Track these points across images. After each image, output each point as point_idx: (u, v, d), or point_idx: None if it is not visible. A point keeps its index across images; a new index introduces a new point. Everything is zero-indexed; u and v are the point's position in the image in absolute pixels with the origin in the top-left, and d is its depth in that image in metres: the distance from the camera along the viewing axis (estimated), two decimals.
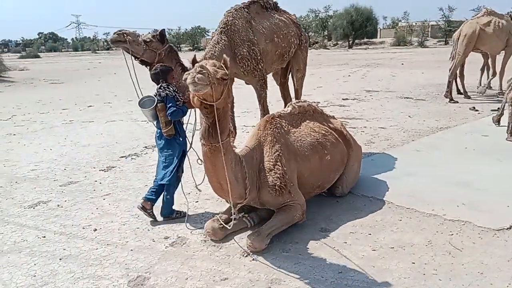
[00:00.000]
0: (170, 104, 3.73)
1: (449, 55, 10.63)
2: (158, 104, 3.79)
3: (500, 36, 10.07)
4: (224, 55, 3.00)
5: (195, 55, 3.08)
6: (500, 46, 10.30)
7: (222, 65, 2.82)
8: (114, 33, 4.26)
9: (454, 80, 10.52)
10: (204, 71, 2.60)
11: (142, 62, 4.34)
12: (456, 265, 3.00)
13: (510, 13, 10.93)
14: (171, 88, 3.81)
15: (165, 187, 3.90)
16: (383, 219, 3.76)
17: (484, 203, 4.02)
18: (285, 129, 3.77)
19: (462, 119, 7.89)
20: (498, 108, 8.74)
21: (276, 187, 3.44)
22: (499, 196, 4.18)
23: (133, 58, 4.29)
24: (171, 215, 3.95)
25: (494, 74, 10.76)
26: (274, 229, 3.41)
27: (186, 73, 2.66)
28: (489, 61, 10.93)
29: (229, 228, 3.43)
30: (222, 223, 3.50)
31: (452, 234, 3.44)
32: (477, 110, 8.69)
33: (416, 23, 55.26)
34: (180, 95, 3.84)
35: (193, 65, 2.74)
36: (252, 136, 3.69)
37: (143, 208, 3.85)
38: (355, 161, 4.43)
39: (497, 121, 7.02)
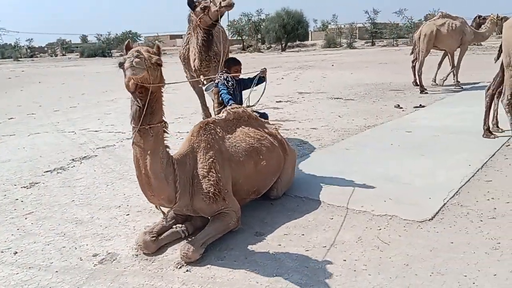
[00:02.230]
0: (221, 89, 5.08)
1: (410, 52, 12.88)
2: (214, 88, 5.17)
3: (454, 36, 11.64)
4: (157, 42, 3.32)
5: (128, 40, 3.19)
6: (455, 44, 11.84)
7: (156, 51, 2.93)
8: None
9: (418, 74, 11.80)
10: (141, 56, 2.71)
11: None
12: (384, 259, 3.12)
13: (477, 17, 12.57)
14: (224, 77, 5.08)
15: None
16: (316, 218, 3.84)
17: (409, 197, 4.24)
18: (220, 135, 3.73)
19: (388, 117, 8.30)
20: (420, 105, 9.36)
21: (210, 194, 3.39)
22: (422, 189, 4.43)
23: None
24: None
25: (452, 67, 12.15)
26: (208, 237, 3.35)
27: (123, 57, 2.80)
28: (448, 57, 12.33)
29: (161, 239, 3.36)
30: (155, 234, 3.40)
31: (380, 229, 3.58)
32: (401, 108, 9.20)
33: (344, 26, 57.69)
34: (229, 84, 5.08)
35: (127, 51, 2.85)
36: (186, 142, 3.62)
37: None
38: (290, 165, 4.48)
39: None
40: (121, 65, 2.80)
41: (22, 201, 4.65)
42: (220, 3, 5.07)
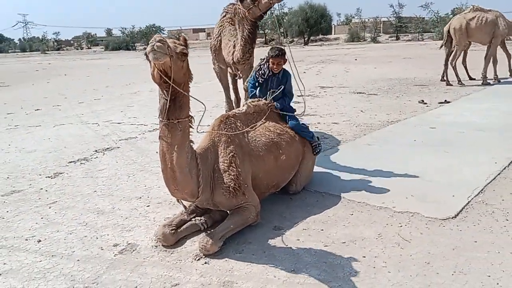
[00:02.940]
0: (249, 79, 4.71)
1: (440, 46, 12.77)
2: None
3: (485, 29, 11.46)
4: (183, 34, 3.16)
5: (158, 33, 3.24)
6: (487, 38, 11.63)
7: (182, 42, 2.93)
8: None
9: (452, 66, 11.78)
10: (163, 41, 2.68)
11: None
12: (404, 256, 3.06)
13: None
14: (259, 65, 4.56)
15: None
16: (335, 214, 3.81)
17: (432, 194, 4.15)
18: (240, 129, 3.72)
19: (412, 112, 8.14)
20: (445, 101, 9.14)
21: (230, 189, 3.41)
22: (446, 186, 4.33)
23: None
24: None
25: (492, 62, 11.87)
26: (227, 231, 3.36)
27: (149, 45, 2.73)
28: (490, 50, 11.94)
29: (180, 231, 3.41)
30: (174, 227, 3.42)
31: (401, 226, 3.52)
32: (425, 103, 9.00)
33: (368, 20, 56.78)
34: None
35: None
36: (206, 136, 3.62)
37: None
38: (309, 159, 4.45)
39: None
40: (146, 55, 2.78)
41: (46, 191, 4.76)
42: None
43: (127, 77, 18.55)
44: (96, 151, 6.34)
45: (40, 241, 3.55)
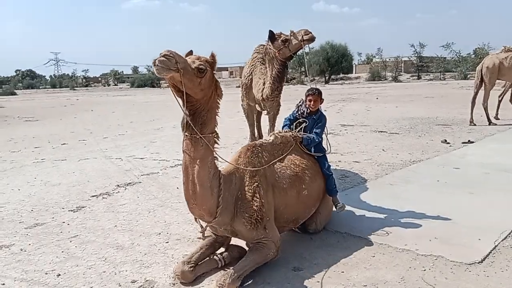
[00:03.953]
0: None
1: (472, 86, 13.00)
2: None
3: None
4: (213, 51, 3.10)
5: (191, 50, 3.19)
6: None
7: (210, 59, 3.01)
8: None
9: (484, 107, 11.83)
10: (169, 56, 2.71)
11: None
12: None
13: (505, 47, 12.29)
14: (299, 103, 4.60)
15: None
16: (356, 255, 3.72)
17: (456, 237, 4.02)
18: (266, 159, 3.69)
19: (434, 152, 8.03)
20: (469, 141, 9.00)
21: (252, 220, 3.35)
22: (471, 229, 4.20)
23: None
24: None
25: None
26: (246, 269, 3.29)
27: None
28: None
29: (198, 268, 3.40)
30: (193, 264, 3.39)
31: (424, 270, 3.41)
32: (448, 143, 8.88)
33: (389, 59, 57.18)
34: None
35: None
36: (232, 161, 3.60)
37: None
38: (330, 198, 4.40)
39: None
40: None
41: (68, 224, 4.82)
42: (302, 37, 5.35)
43: (151, 113, 18.99)
44: (118, 185, 6.43)
45: (59, 275, 3.57)
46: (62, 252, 4.06)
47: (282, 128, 4.48)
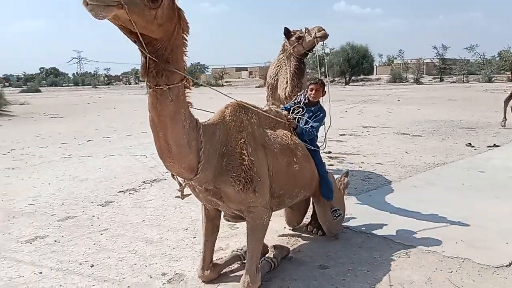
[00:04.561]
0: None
1: (498, 89, 13.06)
2: None
3: None
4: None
5: None
6: None
7: None
8: None
9: None
10: None
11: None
12: None
13: None
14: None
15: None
16: (382, 256, 3.75)
17: (483, 240, 4.02)
18: (254, 120, 3.26)
19: (459, 155, 7.96)
20: (494, 144, 8.89)
21: (241, 179, 2.93)
22: (497, 233, 4.18)
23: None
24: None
25: None
26: (254, 258, 3.14)
27: None
28: None
29: (220, 265, 3.47)
30: (208, 263, 3.37)
31: (451, 271, 3.42)
32: (473, 146, 8.78)
33: (411, 61, 56.45)
34: None
35: None
36: (218, 113, 3.11)
37: None
38: (337, 203, 4.14)
39: None
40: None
41: (98, 218, 4.97)
42: (315, 34, 5.37)
43: None
44: (144, 182, 6.58)
45: (93, 266, 3.70)
46: (94, 244, 4.20)
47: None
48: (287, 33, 5.75)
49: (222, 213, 3.46)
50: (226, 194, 2.98)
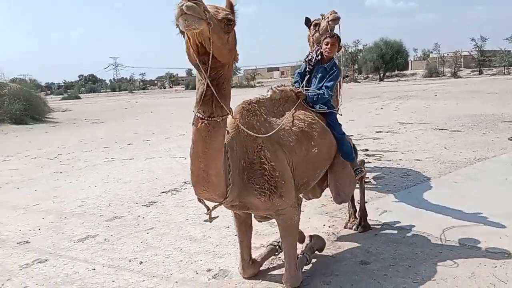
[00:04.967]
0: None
1: None
2: None
3: None
4: None
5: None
6: None
7: (227, 5, 2.28)
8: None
9: None
10: (197, 1, 1.98)
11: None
12: None
13: None
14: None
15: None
16: (423, 251, 3.75)
17: None
18: (265, 116, 3.16)
19: (501, 150, 7.74)
20: None
21: (265, 190, 2.85)
22: None
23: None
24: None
25: None
26: (292, 257, 3.16)
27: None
28: None
29: (258, 261, 3.52)
30: (248, 260, 3.43)
31: (495, 266, 3.39)
32: None
33: (448, 54, 54.85)
34: None
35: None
36: (229, 125, 2.83)
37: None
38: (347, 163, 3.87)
39: None
40: (177, 25, 2.06)
41: (143, 218, 5.19)
42: (328, 18, 5.29)
43: None
44: (184, 182, 6.78)
45: (142, 262, 3.90)
46: (141, 242, 4.41)
47: (293, 84, 4.02)
48: (307, 22, 5.76)
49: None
50: (252, 205, 2.95)
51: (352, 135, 10.26)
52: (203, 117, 2.36)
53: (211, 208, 2.85)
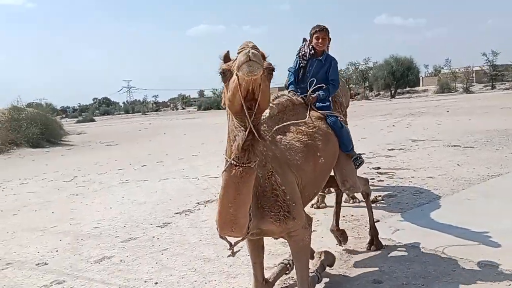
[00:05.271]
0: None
1: None
2: None
3: None
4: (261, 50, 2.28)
5: (228, 51, 2.38)
6: None
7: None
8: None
9: None
10: (257, 48, 2.11)
11: None
12: None
13: None
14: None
15: None
16: (436, 269, 3.75)
17: None
18: (270, 139, 3.08)
19: None
20: None
21: (280, 217, 2.85)
22: None
23: None
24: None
25: None
26: (305, 277, 3.14)
27: (225, 65, 2.24)
28: None
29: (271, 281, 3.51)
30: (261, 281, 3.37)
31: (510, 285, 3.37)
32: None
33: (459, 69, 54.71)
34: None
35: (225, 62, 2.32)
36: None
37: None
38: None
39: None
40: (225, 73, 2.25)
41: (158, 239, 5.27)
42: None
43: (220, 134, 19.65)
44: (198, 203, 6.87)
45: (157, 283, 3.97)
46: (156, 263, 4.48)
47: (288, 86, 4.01)
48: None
49: None
50: (269, 231, 2.97)
51: (364, 153, 10.30)
52: (237, 164, 2.35)
53: (233, 244, 2.88)
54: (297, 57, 4.01)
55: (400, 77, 52.96)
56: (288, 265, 3.73)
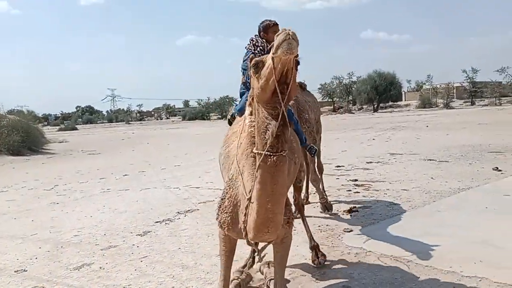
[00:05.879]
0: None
1: None
2: None
3: None
4: None
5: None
6: None
7: None
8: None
9: None
10: (294, 32, 2.20)
11: None
12: None
13: None
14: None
15: None
16: (403, 276, 3.96)
17: (503, 260, 4.15)
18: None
19: (485, 180, 8.02)
20: None
21: (290, 221, 2.97)
22: None
23: None
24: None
25: None
26: (283, 281, 3.27)
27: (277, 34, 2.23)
28: None
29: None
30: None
31: None
32: (500, 171, 8.80)
33: (440, 85, 56.02)
34: None
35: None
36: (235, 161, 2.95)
37: None
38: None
39: None
40: (258, 64, 2.36)
41: (137, 247, 5.37)
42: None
43: (204, 145, 19.84)
44: (178, 212, 6.98)
45: None
46: (135, 270, 4.59)
47: (237, 110, 3.78)
48: None
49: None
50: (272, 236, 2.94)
51: (343, 166, 10.58)
52: (271, 153, 2.38)
53: (259, 250, 2.97)
54: (250, 52, 3.71)
55: (383, 92, 53.91)
56: (240, 283, 3.78)
